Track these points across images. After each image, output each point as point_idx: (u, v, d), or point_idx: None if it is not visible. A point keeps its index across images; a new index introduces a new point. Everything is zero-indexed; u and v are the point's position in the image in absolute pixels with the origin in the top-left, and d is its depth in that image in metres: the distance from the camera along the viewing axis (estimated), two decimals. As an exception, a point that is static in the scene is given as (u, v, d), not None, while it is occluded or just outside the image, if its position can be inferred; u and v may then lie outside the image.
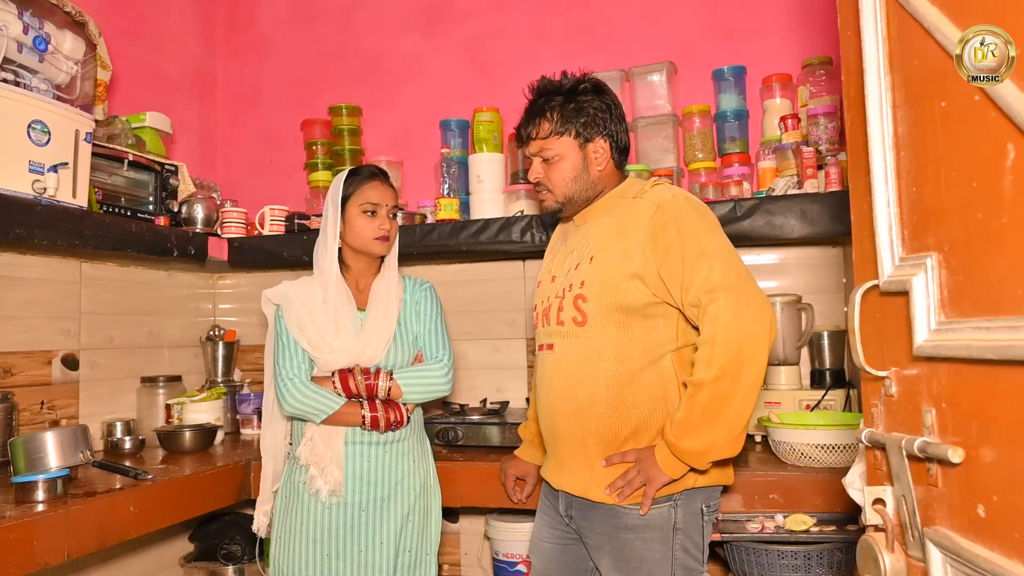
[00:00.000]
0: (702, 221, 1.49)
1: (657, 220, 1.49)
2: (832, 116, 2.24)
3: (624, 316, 1.51)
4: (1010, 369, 0.64)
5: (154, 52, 2.84)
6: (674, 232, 1.46)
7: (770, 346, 1.41)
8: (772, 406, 2.17)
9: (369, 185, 1.84)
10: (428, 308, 1.91)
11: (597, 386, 1.52)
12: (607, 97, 1.63)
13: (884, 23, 0.82)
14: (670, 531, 1.50)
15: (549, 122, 1.59)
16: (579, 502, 1.58)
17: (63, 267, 2.33)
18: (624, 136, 1.64)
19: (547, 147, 1.61)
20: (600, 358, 1.53)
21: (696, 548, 1.54)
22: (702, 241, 1.45)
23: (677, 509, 1.50)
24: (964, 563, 0.70)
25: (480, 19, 2.88)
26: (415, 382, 1.81)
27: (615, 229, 1.56)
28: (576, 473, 1.57)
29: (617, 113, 1.63)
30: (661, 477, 1.45)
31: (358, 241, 1.83)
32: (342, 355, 1.77)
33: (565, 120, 1.59)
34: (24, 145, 1.87)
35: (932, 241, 0.75)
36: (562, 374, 1.58)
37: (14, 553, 1.48)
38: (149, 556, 2.55)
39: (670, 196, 1.53)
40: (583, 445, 1.55)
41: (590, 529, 1.57)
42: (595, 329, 1.53)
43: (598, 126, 1.60)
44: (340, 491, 1.76)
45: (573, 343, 1.57)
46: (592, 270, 1.55)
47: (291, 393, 1.74)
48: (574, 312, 1.56)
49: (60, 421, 2.26)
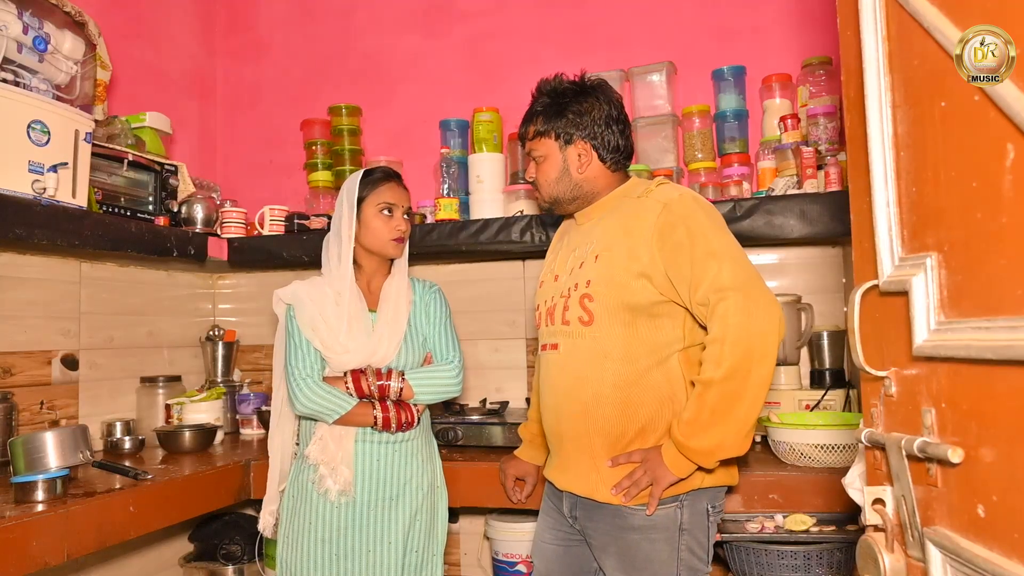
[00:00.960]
0: (710, 220, 1.49)
1: (664, 219, 1.48)
2: (832, 116, 2.24)
3: (631, 315, 1.51)
4: (1010, 369, 0.64)
5: (154, 52, 2.84)
6: (683, 231, 1.46)
7: (779, 345, 1.41)
8: (772, 406, 2.17)
9: (386, 186, 1.84)
10: (437, 310, 1.92)
11: (604, 386, 1.52)
12: (593, 99, 1.61)
13: (884, 23, 0.82)
14: (676, 532, 1.50)
15: (535, 124, 1.63)
16: (584, 503, 1.58)
17: (63, 267, 2.33)
18: (615, 138, 1.61)
19: (534, 148, 1.65)
20: (607, 358, 1.52)
21: (701, 549, 1.53)
22: (711, 240, 1.45)
23: (683, 510, 1.50)
24: (964, 563, 0.70)
25: (480, 19, 2.88)
26: (427, 383, 1.81)
27: (620, 228, 1.55)
28: (581, 473, 1.56)
29: (605, 115, 1.60)
30: (668, 476, 1.45)
31: (374, 242, 1.83)
32: (355, 356, 1.77)
33: (547, 121, 1.61)
34: (24, 145, 1.87)
35: (932, 241, 0.75)
36: (568, 374, 1.57)
37: (14, 553, 1.48)
38: (149, 556, 2.55)
39: (677, 195, 1.53)
40: (589, 445, 1.54)
41: (595, 530, 1.56)
42: (602, 329, 1.53)
43: (579, 128, 1.59)
44: (350, 491, 1.76)
45: (579, 343, 1.56)
46: (598, 269, 1.54)
47: (304, 393, 1.74)
48: (580, 312, 1.55)
49: (60, 421, 2.26)
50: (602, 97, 1.62)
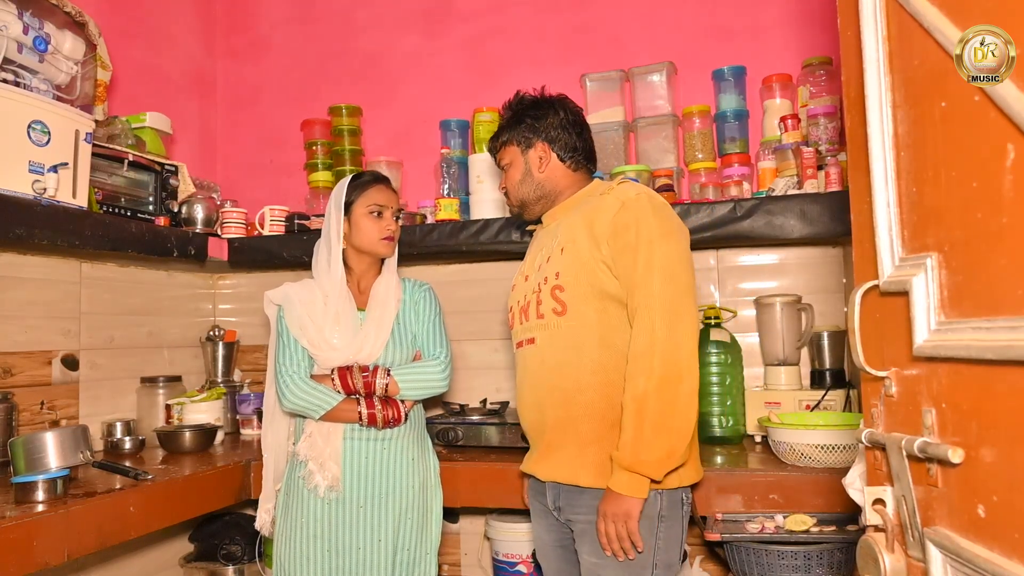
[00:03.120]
0: (660, 226, 1.53)
1: (620, 218, 1.54)
2: (832, 116, 2.24)
3: (602, 302, 1.56)
4: (1010, 369, 0.64)
5: (154, 52, 2.84)
6: (633, 234, 1.52)
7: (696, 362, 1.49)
8: (772, 406, 2.17)
9: (375, 188, 1.90)
10: (427, 308, 1.94)
11: (583, 372, 1.56)
12: (547, 107, 1.72)
13: (884, 23, 0.82)
14: (655, 518, 1.52)
15: (500, 137, 1.78)
16: (567, 491, 1.60)
17: (63, 267, 2.33)
18: (572, 139, 1.71)
19: (501, 157, 1.79)
20: (584, 345, 1.56)
21: (676, 541, 1.56)
22: (653, 249, 1.50)
23: (662, 496, 1.53)
24: (964, 563, 0.70)
25: (480, 19, 2.88)
26: (412, 379, 1.83)
27: (583, 222, 1.61)
28: (565, 460, 1.58)
29: (561, 120, 1.71)
30: (630, 502, 1.46)
31: (364, 242, 1.87)
32: (341, 353, 1.81)
33: (508, 131, 1.75)
34: (24, 145, 1.87)
35: (932, 241, 0.75)
36: (547, 364, 1.61)
37: (14, 553, 1.48)
38: (149, 556, 2.55)
39: (634, 195, 1.58)
40: (575, 431, 1.57)
41: (577, 517, 1.58)
42: (575, 317, 1.57)
43: (536, 132, 1.71)
44: (338, 486, 1.78)
45: (555, 333, 1.60)
46: (565, 260, 1.60)
47: (290, 389, 1.78)
48: (553, 303, 1.60)
49: (60, 421, 2.26)
50: (557, 105, 1.74)
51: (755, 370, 2.40)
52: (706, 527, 1.81)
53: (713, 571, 2.31)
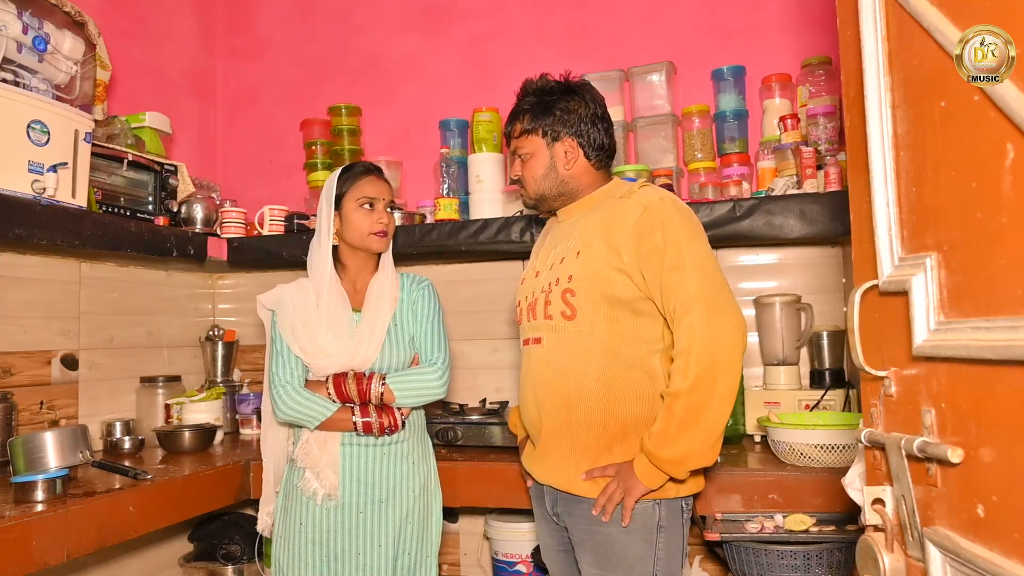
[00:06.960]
0: (686, 228, 1.51)
1: (644, 222, 1.51)
2: (831, 116, 2.24)
3: (613, 310, 1.53)
4: (1009, 369, 0.64)
5: (154, 52, 2.84)
6: (659, 236, 1.48)
7: (742, 356, 1.45)
8: (772, 406, 2.17)
9: (365, 180, 1.83)
10: (425, 308, 1.88)
11: (587, 379, 1.54)
12: (579, 98, 1.64)
13: (884, 23, 0.82)
14: (654, 528, 1.51)
15: (521, 122, 1.66)
16: (564, 498, 1.59)
17: (62, 267, 2.33)
18: (600, 136, 1.65)
19: (520, 145, 1.68)
20: (590, 352, 1.54)
21: (677, 551, 1.55)
22: (683, 250, 1.47)
23: (661, 507, 1.51)
24: (964, 563, 0.70)
25: (480, 19, 2.88)
26: (408, 386, 1.78)
27: (601, 225, 1.57)
28: (560, 466, 1.57)
29: (591, 113, 1.64)
30: (639, 487, 1.46)
31: (355, 236, 1.81)
32: (335, 360, 1.76)
33: (534, 119, 1.64)
34: (23, 145, 1.87)
35: (931, 241, 0.75)
36: (551, 367, 1.59)
37: (13, 553, 1.48)
38: (148, 556, 2.55)
39: (657, 199, 1.55)
40: (571, 437, 1.56)
41: (574, 525, 1.58)
42: (584, 324, 1.54)
43: (566, 125, 1.63)
44: (336, 495, 1.75)
45: (562, 337, 1.58)
46: (580, 264, 1.56)
47: (284, 401, 1.74)
48: (563, 306, 1.57)
49: (59, 421, 2.26)
50: (587, 96, 1.66)
51: (754, 370, 2.40)
52: (706, 527, 1.81)
53: (713, 571, 2.31)
